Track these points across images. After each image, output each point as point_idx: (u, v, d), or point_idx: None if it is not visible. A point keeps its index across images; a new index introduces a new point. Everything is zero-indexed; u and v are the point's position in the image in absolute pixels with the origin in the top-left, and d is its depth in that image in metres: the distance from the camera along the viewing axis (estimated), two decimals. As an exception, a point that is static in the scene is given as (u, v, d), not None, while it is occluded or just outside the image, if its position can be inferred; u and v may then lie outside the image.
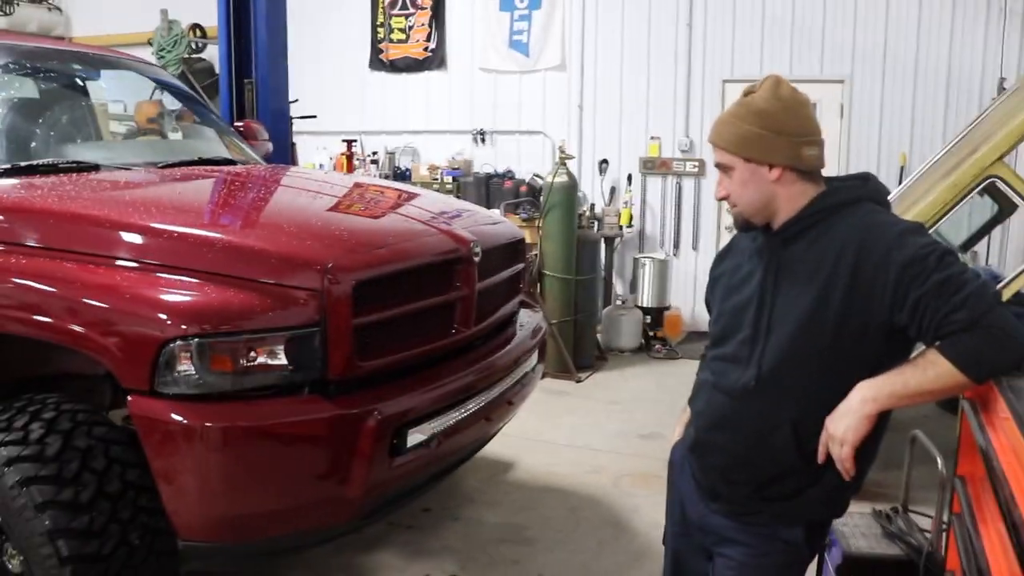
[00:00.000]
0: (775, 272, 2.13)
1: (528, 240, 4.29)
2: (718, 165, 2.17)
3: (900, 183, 7.46)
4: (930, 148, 7.88)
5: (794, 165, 2.07)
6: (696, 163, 8.83)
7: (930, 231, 4.25)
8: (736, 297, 2.23)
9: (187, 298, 2.74)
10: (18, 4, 11.36)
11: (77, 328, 2.79)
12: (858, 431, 1.98)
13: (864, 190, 2.14)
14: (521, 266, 4.10)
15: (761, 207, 2.13)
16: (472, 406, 3.36)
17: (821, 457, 2.07)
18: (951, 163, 4.63)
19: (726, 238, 8.79)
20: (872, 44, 8.17)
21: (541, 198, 7.57)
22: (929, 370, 1.94)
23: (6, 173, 3.53)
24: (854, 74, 8.23)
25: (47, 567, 2.64)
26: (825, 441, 2.05)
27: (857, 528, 3.29)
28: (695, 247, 8.97)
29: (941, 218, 4.19)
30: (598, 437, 5.73)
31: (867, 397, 1.98)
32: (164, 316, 2.68)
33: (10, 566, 3.03)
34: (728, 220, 8.74)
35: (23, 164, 3.65)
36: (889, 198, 2.22)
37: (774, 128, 2.05)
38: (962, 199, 4.14)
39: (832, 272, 2.01)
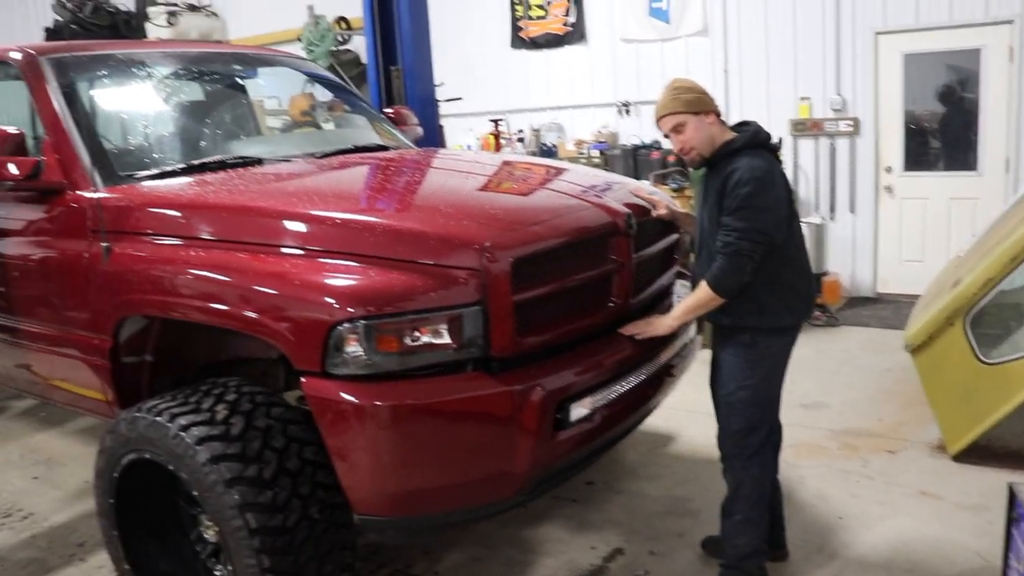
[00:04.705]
0: (704, 193, 3.32)
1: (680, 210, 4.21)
2: (673, 128, 3.25)
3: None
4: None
5: (717, 113, 3.26)
6: (850, 122, 8.44)
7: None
8: (697, 206, 3.49)
9: (352, 282, 2.83)
10: (181, 15, 11.99)
11: (252, 315, 2.93)
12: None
13: (753, 141, 3.20)
14: (675, 237, 4.04)
15: (708, 143, 3.24)
16: (632, 379, 3.34)
17: None
18: None
19: (885, 199, 8.44)
20: (1046, -22, 7.50)
21: (689, 168, 7.41)
22: (695, 290, 3.26)
23: (181, 172, 3.76)
24: (1025, 13, 7.58)
25: (238, 538, 2.81)
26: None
27: (1049, 498, 3.09)
28: (852, 210, 8.60)
29: None
30: (759, 408, 5.58)
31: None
32: (332, 300, 2.77)
33: (207, 536, 3.26)
34: (887, 180, 8.38)
35: (195, 163, 3.87)
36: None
37: (700, 91, 3.24)
38: None
39: (719, 194, 3.16)
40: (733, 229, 3.10)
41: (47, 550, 4.24)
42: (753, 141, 3.22)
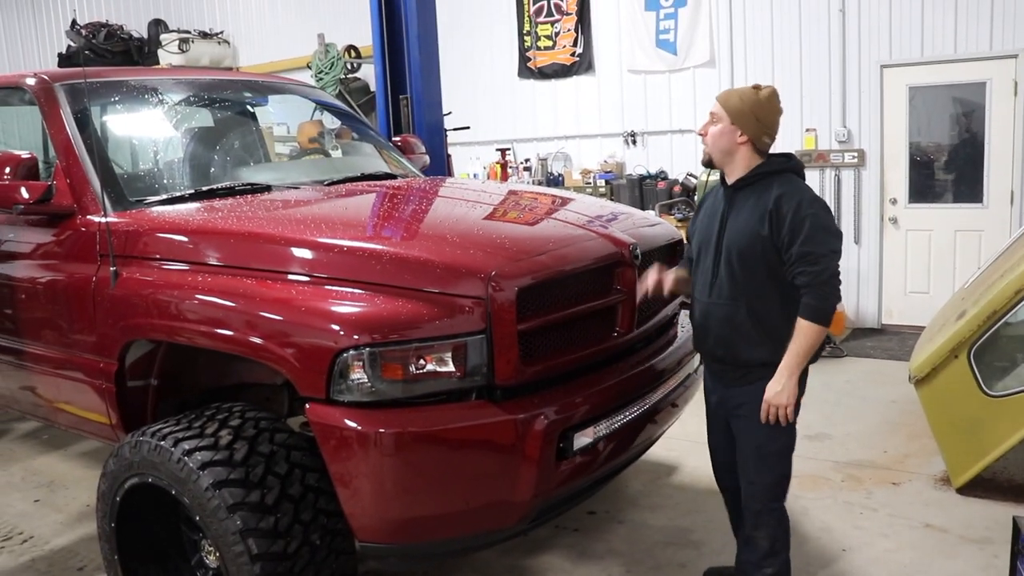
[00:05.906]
0: (729, 210, 3.24)
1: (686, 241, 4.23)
2: (711, 114, 3.27)
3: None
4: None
5: (754, 141, 3.20)
6: (855, 153, 8.48)
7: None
8: (705, 224, 3.36)
9: (358, 309, 2.85)
10: (192, 42, 12.14)
11: (258, 340, 2.95)
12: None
13: (788, 165, 3.24)
14: (680, 267, 4.05)
15: (723, 153, 3.24)
16: (636, 409, 3.35)
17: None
18: None
19: (890, 231, 8.45)
20: (1051, 11, 7.52)
21: (696, 197, 7.45)
22: (799, 335, 3.07)
23: (190, 198, 3.79)
24: (1031, 47, 7.60)
25: (239, 563, 2.81)
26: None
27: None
28: (857, 241, 8.61)
29: None
30: (763, 439, 5.56)
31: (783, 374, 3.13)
32: (337, 327, 2.79)
33: (207, 561, 3.25)
34: (892, 211, 8.40)
35: (204, 189, 3.91)
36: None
37: (757, 116, 3.18)
38: None
39: (763, 212, 3.10)
40: (814, 258, 3.01)
41: (47, 574, 4.23)
42: (788, 165, 3.24)
